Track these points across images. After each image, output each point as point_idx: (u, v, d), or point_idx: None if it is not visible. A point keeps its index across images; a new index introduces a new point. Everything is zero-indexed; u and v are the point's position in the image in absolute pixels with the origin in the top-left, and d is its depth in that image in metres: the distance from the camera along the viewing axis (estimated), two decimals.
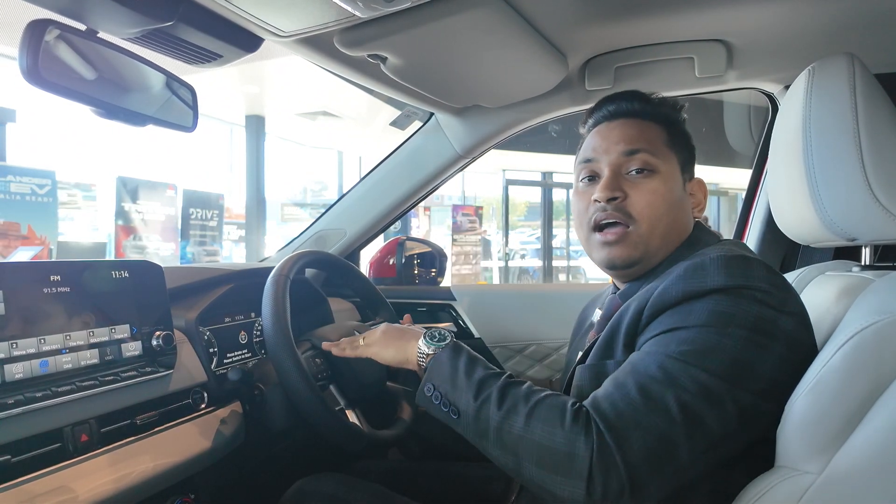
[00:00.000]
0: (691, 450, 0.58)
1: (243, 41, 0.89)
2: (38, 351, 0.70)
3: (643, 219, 0.75)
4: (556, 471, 0.60)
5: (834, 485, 0.52)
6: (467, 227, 7.18)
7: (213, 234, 6.06)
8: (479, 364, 0.72)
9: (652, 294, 0.68)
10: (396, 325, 0.88)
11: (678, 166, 0.79)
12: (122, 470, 0.73)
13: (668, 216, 0.76)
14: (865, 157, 0.66)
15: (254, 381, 0.95)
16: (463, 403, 0.68)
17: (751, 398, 0.59)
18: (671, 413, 0.58)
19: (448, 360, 0.73)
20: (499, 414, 0.65)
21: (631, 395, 0.60)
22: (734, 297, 0.62)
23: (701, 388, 0.59)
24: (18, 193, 4.16)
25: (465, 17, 0.87)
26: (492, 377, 0.70)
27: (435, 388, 0.72)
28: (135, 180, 5.24)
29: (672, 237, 0.78)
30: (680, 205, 0.78)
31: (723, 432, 0.59)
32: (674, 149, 0.79)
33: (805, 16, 0.98)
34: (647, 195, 0.76)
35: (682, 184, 0.80)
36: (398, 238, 1.76)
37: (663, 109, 0.82)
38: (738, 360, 0.60)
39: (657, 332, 0.65)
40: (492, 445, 0.66)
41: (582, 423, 0.60)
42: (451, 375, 0.71)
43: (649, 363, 0.62)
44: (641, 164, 0.76)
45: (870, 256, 0.79)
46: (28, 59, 0.68)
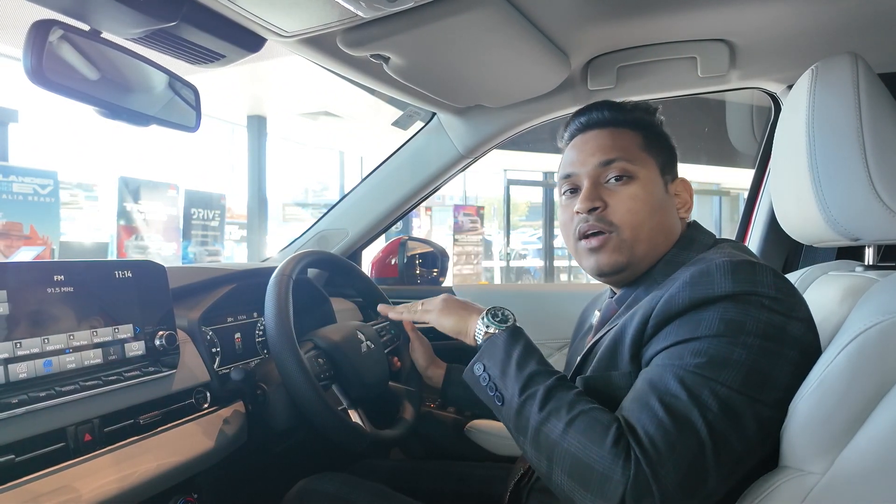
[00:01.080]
0: (719, 473, 0.58)
1: (246, 41, 0.89)
2: (42, 351, 0.70)
3: (625, 225, 0.76)
4: (587, 487, 0.60)
5: (838, 485, 0.52)
6: (469, 227, 7.18)
7: (215, 234, 6.06)
8: (534, 357, 0.72)
9: (657, 302, 0.67)
10: (457, 298, 0.89)
11: (657, 169, 0.79)
12: (126, 469, 0.73)
13: (650, 220, 0.76)
14: (869, 156, 0.66)
15: (256, 381, 0.95)
16: (509, 393, 0.69)
17: (769, 411, 0.59)
18: (700, 435, 0.58)
19: (504, 343, 0.73)
20: (539, 415, 0.65)
21: (659, 416, 0.59)
22: (742, 304, 0.62)
23: (722, 405, 0.58)
24: (21, 193, 4.16)
25: (468, 17, 0.87)
26: (542, 374, 0.69)
27: (485, 370, 0.72)
28: (137, 180, 5.25)
29: (659, 240, 0.78)
30: (663, 207, 0.78)
31: (745, 449, 0.59)
32: (651, 152, 0.79)
33: (808, 15, 0.98)
34: (626, 201, 0.76)
35: (664, 186, 0.79)
36: (400, 238, 1.77)
37: (636, 115, 0.82)
38: (753, 369, 0.59)
39: (668, 343, 0.64)
40: (528, 443, 0.66)
41: (623, 448, 0.59)
42: (503, 361, 0.72)
43: (668, 379, 0.61)
44: (619, 172, 0.77)
45: (873, 256, 0.79)
46: (32, 60, 0.68)
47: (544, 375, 0.69)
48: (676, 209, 0.81)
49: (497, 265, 9.35)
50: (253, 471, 1.12)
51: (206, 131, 7.29)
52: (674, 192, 0.81)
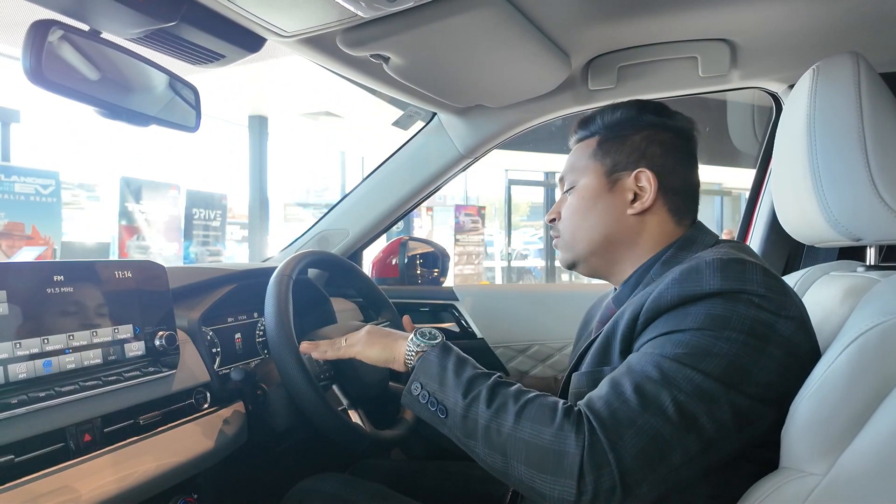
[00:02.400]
0: (685, 451, 0.58)
1: (246, 41, 0.89)
2: (42, 351, 0.70)
3: (564, 230, 0.86)
4: (545, 469, 0.60)
5: (839, 486, 0.52)
6: (470, 228, 7.17)
7: (217, 234, 6.07)
8: (469, 363, 0.72)
9: (647, 298, 0.67)
10: (381, 327, 0.87)
11: (601, 172, 0.82)
12: (125, 470, 0.73)
13: (584, 221, 0.83)
14: (871, 156, 0.66)
15: (256, 381, 0.95)
16: (451, 402, 0.68)
17: (747, 401, 0.59)
18: (666, 413, 0.58)
19: (437, 358, 0.73)
20: (487, 412, 0.65)
21: (626, 394, 0.60)
22: (730, 301, 0.62)
23: (696, 389, 0.59)
24: (22, 194, 4.17)
25: (468, 16, 0.87)
26: (481, 376, 0.69)
27: (422, 387, 0.71)
28: (138, 180, 5.25)
29: (597, 237, 0.82)
30: (597, 208, 0.82)
31: (717, 434, 0.59)
32: (598, 157, 0.83)
33: (809, 15, 0.98)
34: (565, 210, 0.86)
35: (607, 185, 0.82)
36: (401, 238, 1.76)
37: (597, 121, 0.86)
38: (733, 363, 0.59)
39: (653, 335, 0.65)
40: (480, 445, 0.65)
41: (573, 422, 0.60)
42: (439, 374, 0.71)
43: (645, 364, 0.62)
44: (567, 186, 0.87)
45: (875, 256, 0.78)
46: (31, 60, 0.68)
47: (483, 377, 0.69)
48: (630, 203, 0.80)
49: (498, 265, 9.35)
50: (253, 471, 1.12)
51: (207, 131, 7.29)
52: (628, 188, 0.80)
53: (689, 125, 0.83)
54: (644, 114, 0.83)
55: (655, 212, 0.80)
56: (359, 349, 0.84)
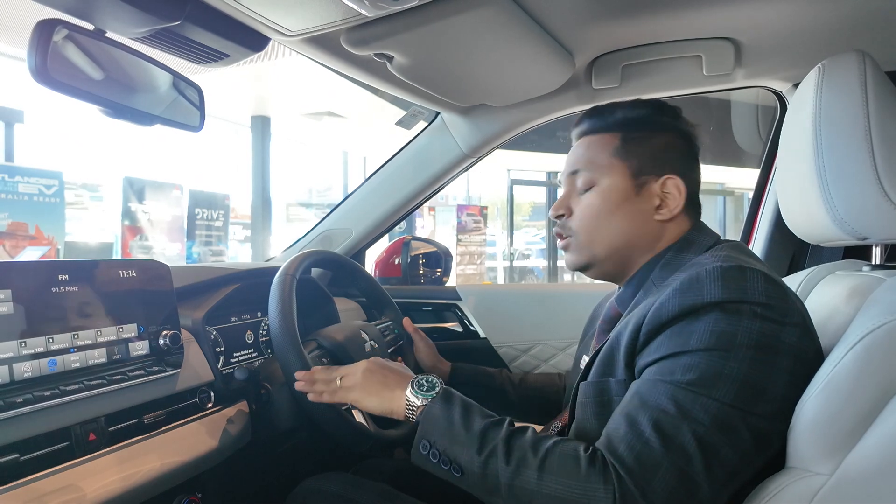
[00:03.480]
0: (712, 484, 0.58)
1: (250, 41, 0.89)
2: (47, 350, 0.70)
3: (580, 230, 0.82)
4: None
5: (846, 486, 0.52)
6: (472, 227, 7.17)
7: (219, 233, 6.08)
8: (475, 412, 0.70)
9: (648, 310, 0.67)
10: (379, 365, 0.83)
11: (628, 173, 0.79)
12: (130, 469, 0.73)
13: (607, 224, 0.79)
14: (877, 155, 0.65)
15: (260, 381, 0.95)
16: (465, 460, 0.66)
17: (765, 423, 0.59)
18: (688, 450, 0.58)
19: (441, 412, 0.70)
20: (508, 469, 0.63)
21: (646, 434, 0.59)
22: (733, 313, 0.61)
23: (714, 420, 0.58)
24: (26, 194, 4.19)
25: (472, 15, 0.87)
26: (493, 427, 0.67)
27: (431, 445, 0.69)
28: (141, 181, 5.27)
29: (618, 242, 0.79)
30: (622, 211, 0.79)
31: (741, 461, 0.58)
32: (624, 156, 0.80)
33: (814, 13, 0.97)
34: (582, 210, 0.81)
35: (634, 188, 0.79)
36: (403, 238, 1.76)
37: (617, 116, 0.82)
38: (746, 382, 0.59)
39: (659, 356, 0.64)
40: (505, 501, 0.64)
41: (599, 470, 0.59)
42: (447, 429, 0.69)
43: (658, 396, 0.61)
44: (583, 183, 0.82)
45: (880, 256, 0.78)
46: (37, 59, 0.69)
47: (495, 427, 0.67)
48: (655, 209, 0.79)
49: (500, 265, 9.34)
50: (257, 470, 1.12)
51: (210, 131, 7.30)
52: (655, 193, 0.79)
53: (697, 130, 0.84)
54: (662, 116, 0.82)
55: (678, 218, 0.79)
56: (355, 396, 0.81)
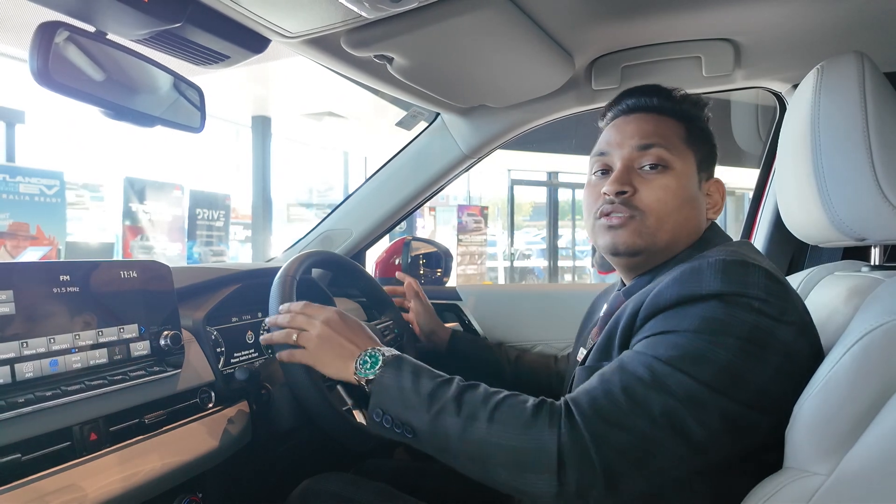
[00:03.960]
0: (672, 453, 0.58)
1: (250, 42, 0.90)
2: (48, 350, 0.70)
3: (651, 212, 0.74)
4: (525, 468, 0.59)
5: (843, 486, 0.52)
6: (472, 228, 7.17)
7: (220, 234, 6.09)
8: (424, 374, 0.70)
9: (648, 296, 0.67)
10: (335, 329, 0.79)
11: (695, 164, 0.78)
12: (131, 469, 0.73)
13: (678, 213, 0.75)
14: (875, 156, 0.65)
15: (261, 381, 0.96)
16: (416, 421, 0.66)
17: (738, 408, 0.58)
18: (653, 416, 0.58)
19: (391, 379, 0.70)
20: (458, 423, 0.63)
21: (614, 392, 0.60)
22: (730, 304, 0.61)
23: (686, 394, 0.58)
24: (27, 194, 4.19)
25: (472, 17, 0.87)
26: (442, 386, 0.68)
27: (385, 413, 0.69)
28: (142, 181, 5.28)
29: (681, 235, 0.76)
30: (692, 203, 0.77)
31: (707, 439, 0.58)
32: (692, 146, 0.78)
33: (813, 14, 0.97)
34: (657, 190, 0.74)
35: (698, 182, 0.78)
36: (404, 238, 1.76)
37: (684, 105, 0.80)
38: (727, 369, 0.58)
39: (648, 333, 0.64)
40: (455, 457, 0.64)
41: (545, 416, 0.60)
42: (398, 395, 0.69)
43: (637, 364, 0.61)
44: (655, 160, 0.75)
45: (879, 256, 0.78)
46: (38, 61, 0.69)
47: (444, 386, 0.67)
48: (706, 209, 0.79)
49: (501, 265, 9.34)
50: (257, 470, 1.12)
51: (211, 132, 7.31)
52: (706, 192, 0.80)
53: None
54: (705, 121, 0.82)
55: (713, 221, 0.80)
56: (311, 361, 0.79)
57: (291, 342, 0.81)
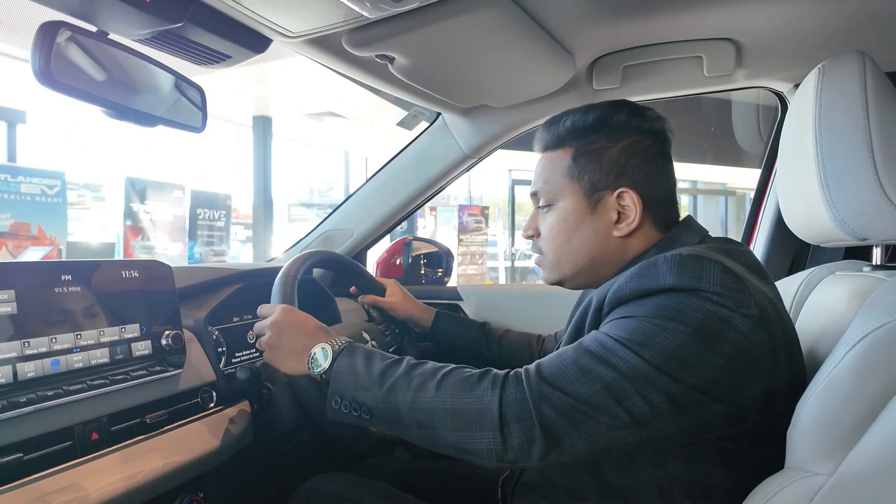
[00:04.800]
0: (613, 419, 0.60)
1: (252, 42, 0.90)
2: (50, 350, 0.70)
3: (547, 251, 0.83)
4: (470, 427, 0.63)
5: (845, 486, 0.52)
6: (473, 228, 7.17)
7: (221, 234, 6.09)
8: (376, 357, 0.74)
9: (608, 290, 0.69)
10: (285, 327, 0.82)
11: (581, 192, 0.79)
12: (132, 468, 0.74)
13: (567, 244, 0.80)
14: (877, 155, 0.65)
15: (262, 381, 0.96)
16: (371, 400, 0.70)
17: (682, 389, 0.59)
18: (596, 384, 0.61)
19: (345, 366, 0.74)
20: (408, 395, 0.68)
21: (564, 363, 0.64)
22: (685, 296, 0.62)
23: (631, 370, 0.60)
24: (29, 194, 4.19)
25: (473, 16, 0.87)
26: (392, 365, 0.72)
27: (342, 399, 0.73)
28: (143, 181, 5.28)
29: (584, 260, 0.80)
30: (581, 230, 0.79)
31: (650, 413, 0.60)
32: (576, 175, 0.79)
33: (815, 13, 0.97)
34: (546, 230, 0.83)
35: (589, 207, 0.78)
36: (405, 238, 1.76)
37: (566, 126, 0.81)
38: (675, 353, 0.60)
39: (608, 320, 0.67)
40: (407, 427, 0.68)
41: (489, 381, 0.65)
42: (352, 379, 0.73)
43: (590, 340, 0.65)
44: (544, 203, 0.83)
45: (881, 256, 0.78)
46: (40, 61, 0.69)
47: (395, 365, 0.71)
48: (614, 223, 0.77)
49: (502, 265, 9.34)
50: (259, 470, 1.12)
51: (212, 132, 7.31)
52: (612, 207, 0.77)
53: (664, 124, 0.80)
54: (616, 117, 0.79)
55: (642, 229, 0.78)
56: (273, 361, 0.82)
57: (260, 347, 0.86)
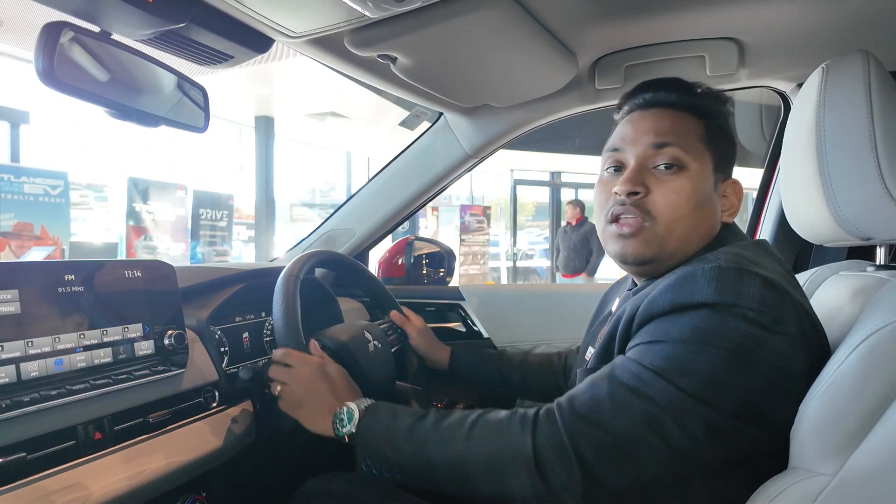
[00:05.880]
0: (652, 455, 0.59)
1: (254, 42, 0.90)
2: (53, 349, 0.70)
3: (662, 218, 0.71)
4: (505, 474, 0.62)
5: (849, 487, 0.51)
6: (475, 227, 7.17)
7: (223, 234, 6.10)
8: (401, 413, 0.73)
9: (643, 301, 0.66)
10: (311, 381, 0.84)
11: (711, 165, 0.74)
12: (135, 468, 0.74)
13: (689, 218, 0.71)
14: (881, 155, 0.65)
15: (264, 381, 0.96)
16: (402, 459, 0.69)
17: (721, 417, 0.58)
18: (634, 418, 0.59)
19: (369, 429, 0.73)
20: (439, 449, 0.66)
21: (599, 397, 0.61)
22: (721, 314, 0.59)
23: (668, 402, 0.58)
24: (32, 194, 4.21)
25: (475, 16, 0.87)
26: (419, 420, 0.70)
27: (371, 460, 0.72)
28: (145, 181, 5.29)
29: (692, 239, 0.73)
30: (706, 206, 0.73)
31: (689, 444, 0.58)
32: (710, 145, 0.74)
33: (818, 13, 0.97)
34: (670, 194, 0.71)
35: (714, 184, 0.74)
36: (407, 238, 1.77)
37: (704, 101, 0.76)
38: (712, 379, 0.58)
39: (640, 341, 0.64)
40: (442, 483, 0.66)
41: (517, 422, 0.63)
42: (379, 442, 0.72)
43: (624, 371, 0.62)
44: (670, 159, 0.72)
45: (885, 256, 0.78)
46: (44, 61, 0.69)
47: (420, 420, 0.70)
48: (721, 211, 0.76)
49: (503, 265, 9.34)
50: (261, 470, 1.12)
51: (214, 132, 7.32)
52: (722, 193, 0.76)
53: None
54: (726, 118, 0.78)
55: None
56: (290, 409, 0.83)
57: (275, 392, 0.85)
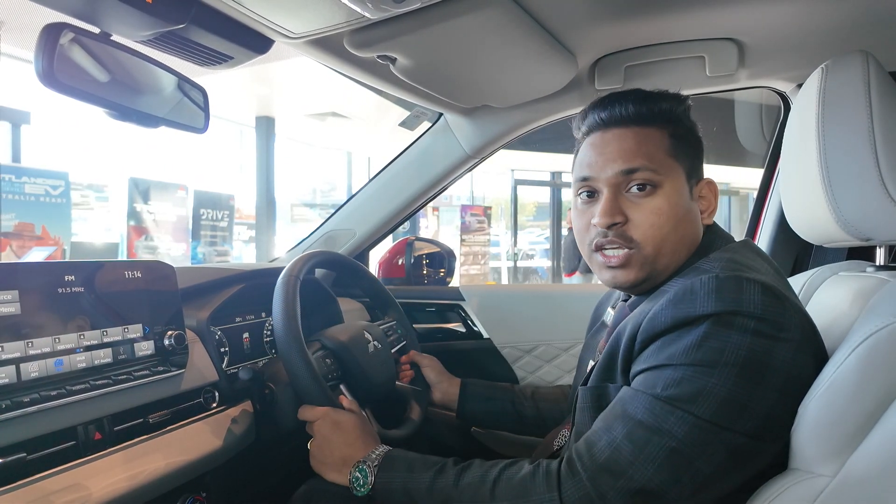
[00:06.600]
0: (679, 493, 0.58)
1: (254, 43, 0.90)
2: (53, 350, 0.70)
3: (646, 241, 0.70)
4: None
5: (849, 487, 0.52)
6: (476, 228, 7.17)
7: (224, 234, 6.10)
8: (417, 465, 0.73)
9: (644, 317, 0.65)
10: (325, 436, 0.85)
11: (683, 175, 0.72)
12: (135, 468, 0.74)
13: (673, 233, 0.70)
14: (881, 155, 0.65)
15: (264, 381, 0.96)
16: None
17: (743, 440, 0.58)
18: (658, 461, 0.58)
19: (387, 489, 0.74)
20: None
21: (618, 441, 0.61)
22: (724, 326, 0.59)
23: (688, 434, 0.58)
24: (33, 194, 4.21)
25: (475, 17, 0.87)
26: (438, 474, 0.71)
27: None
28: (146, 181, 5.30)
29: (680, 251, 0.72)
30: (687, 217, 0.72)
31: (714, 473, 0.58)
32: (678, 157, 0.72)
33: (818, 13, 0.97)
34: (649, 216, 0.70)
35: (689, 192, 0.73)
36: (407, 238, 1.77)
37: (663, 107, 0.73)
38: (727, 400, 0.57)
39: (647, 366, 0.63)
40: None
41: (541, 480, 0.63)
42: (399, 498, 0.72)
43: (637, 406, 0.61)
44: (643, 182, 0.70)
45: (884, 257, 0.78)
46: (44, 62, 0.69)
47: (440, 475, 0.70)
48: (701, 212, 0.75)
49: (504, 265, 9.34)
50: (261, 470, 1.13)
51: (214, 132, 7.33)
52: (698, 195, 0.75)
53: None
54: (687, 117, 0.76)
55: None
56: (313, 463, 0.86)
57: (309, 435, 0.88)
